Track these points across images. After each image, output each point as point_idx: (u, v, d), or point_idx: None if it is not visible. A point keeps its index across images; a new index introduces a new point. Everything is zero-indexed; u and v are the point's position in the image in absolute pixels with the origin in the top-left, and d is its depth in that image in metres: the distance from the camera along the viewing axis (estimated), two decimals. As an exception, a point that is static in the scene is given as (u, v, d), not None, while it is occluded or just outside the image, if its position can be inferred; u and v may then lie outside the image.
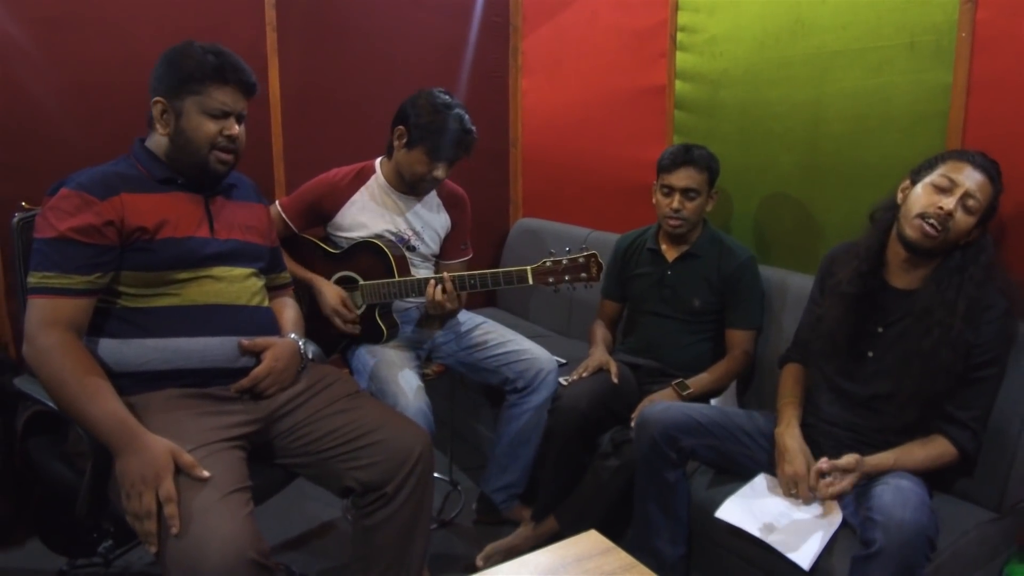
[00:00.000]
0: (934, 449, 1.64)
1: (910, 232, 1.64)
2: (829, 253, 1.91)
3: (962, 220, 1.60)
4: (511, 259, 3.45)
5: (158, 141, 1.65)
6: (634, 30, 2.84)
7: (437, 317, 2.30)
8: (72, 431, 1.55)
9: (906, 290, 1.72)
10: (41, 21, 2.42)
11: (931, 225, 1.60)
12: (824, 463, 1.61)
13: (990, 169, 1.62)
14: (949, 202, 1.59)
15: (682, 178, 2.19)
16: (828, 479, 1.61)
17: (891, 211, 1.73)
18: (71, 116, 2.49)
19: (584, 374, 2.19)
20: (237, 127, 1.64)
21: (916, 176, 1.69)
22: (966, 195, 1.59)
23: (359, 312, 2.23)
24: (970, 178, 1.60)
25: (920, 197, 1.63)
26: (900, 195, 1.72)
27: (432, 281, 2.06)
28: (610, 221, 3.01)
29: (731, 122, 2.49)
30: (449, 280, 2.04)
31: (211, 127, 1.60)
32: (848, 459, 1.60)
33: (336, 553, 2.29)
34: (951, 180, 1.61)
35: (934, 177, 1.63)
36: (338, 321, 2.18)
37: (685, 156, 2.19)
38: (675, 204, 2.20)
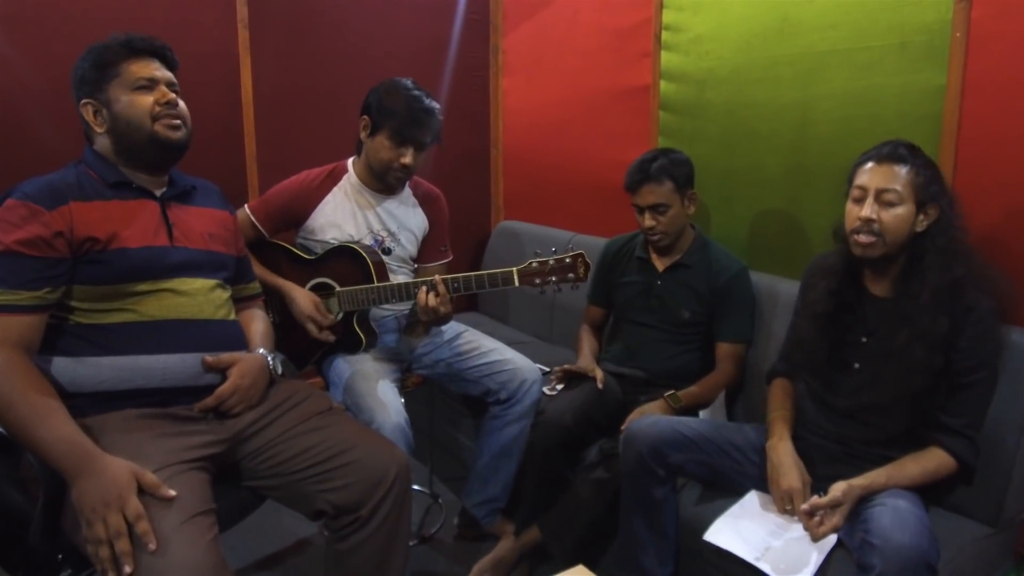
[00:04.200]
0: (930, 462, 1.59)
1: (854, 250, 1.65)
2: (810, 265, 1.87)
3: (888, 216, 1.58)
4: (493, 262, 3.38)
5: (103, 144, 1.57)
6: (617, 29, 2.78)
7: (423, 324, 2.23)
8: (25, 454, 1.46)
9: (884, 297, 1.69)
10: (5, 18, 2.35)
11: (863, 235, 1.60)
12: (807, 506, 1.56)
13: (898, 153, 1.60)
14: (865, 210, 1.59)
15: (646, 196, 2.13)
16: (817, 518, 1.55)
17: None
18: (41, 115, 2.42)
19: (567, 366, 2.16)
20: (172, 94, 1.57)
21: (846, 196, 1.69)
22: (878, 193, 1.59)
23: (336, 320, 2.15)
24: (875, 176, 1.60)
25: (847, 215, 1.65)
26: None
27: (424, 287, 1.97)
28: (594, 224, 2.95)
29: (717, 123, 2.43)
30: (441, 283, 1.96)
31: (144, 99, 1.54)
32: (834, 493, 1.53)
33: (313, 572, 2.21)
34: (860, 188, 1.62)
35: (851, 191, 1.65)
36: (312, 327, 2.09)
37: (642, 174, 2.13)
38: (647, 223, 2.15)
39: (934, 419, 1.61)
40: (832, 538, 1.54)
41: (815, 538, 1.53)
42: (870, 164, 1.62)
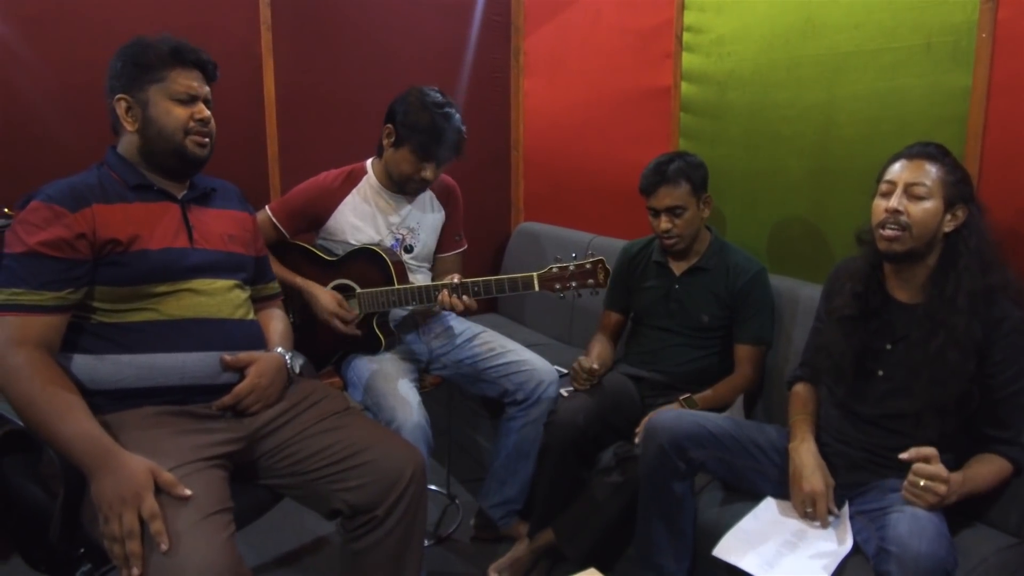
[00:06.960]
0: (994, 464, 1.57)
1: (880, 245, 1.62)
2: (834, 269, 1.84)
3: (917, 210, 1.56)
4: (512, 264, 3.38)
5: (128, 142, 1.58)
6: (638, 30, 2.76)
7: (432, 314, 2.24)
8: (46, 451, 1.48)
9: (911, 303, 1.66)
10: (29, 20, 2.37)
11: (889, 229, 1.58)
12: (908, 455, 1.46)
13: (927, 151, 1.60)
14: (892, 201, 1.58)
15: (662, 198, 2.11)
16: (923, 483, 1.44)
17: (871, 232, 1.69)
18: (62, 118, 2.44)
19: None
20: (207, 111, 1.58)
21: (874, 196, 1.67)
22: (907, 187, 1.58)
23: (359, 316, 2.16)
24: (904, 171, 1.59)
25: (874, 210, 1.64)
26: None
27: (445, 290, 1.99)
28: (613, 226, 2.94)
29: (738, 125, 2.41)
30: (462, 287, 1.98)
31: (180, 112, 1.54)
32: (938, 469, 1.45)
33: (329, 571, 2.22)
34: (889, 183, 1.61)
35: (879, 187, 1.64)
36: (337, 323, 2.10)
37: (658, 176, 2.11)
38: (663, 225, 2.13)
39: (977, 431, 1.59)
40: (847, 546, 1.53)
41: (927, 503, 1.45)
42: (900, 161, 1.61)
